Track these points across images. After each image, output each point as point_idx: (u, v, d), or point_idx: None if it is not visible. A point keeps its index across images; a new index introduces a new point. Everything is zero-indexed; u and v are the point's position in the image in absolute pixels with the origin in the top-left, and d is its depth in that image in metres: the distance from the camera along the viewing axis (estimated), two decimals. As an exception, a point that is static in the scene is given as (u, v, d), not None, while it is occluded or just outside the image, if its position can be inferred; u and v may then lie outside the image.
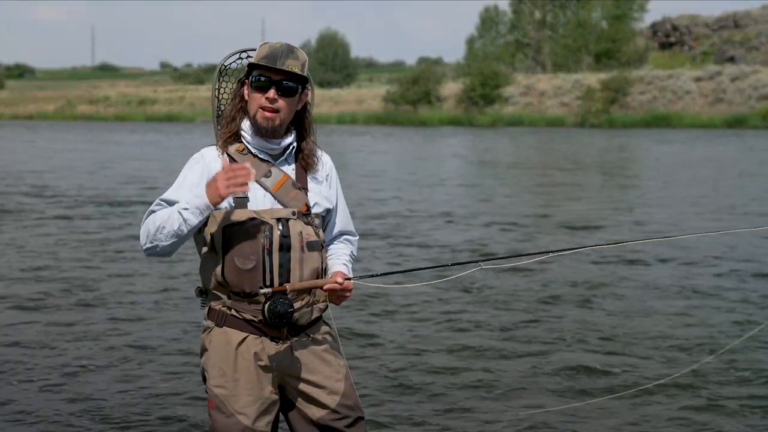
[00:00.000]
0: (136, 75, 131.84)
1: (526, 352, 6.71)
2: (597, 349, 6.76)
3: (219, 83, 3.34)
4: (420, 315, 7.84)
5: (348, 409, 3.20)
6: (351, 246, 3.38)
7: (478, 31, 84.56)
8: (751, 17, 75.78)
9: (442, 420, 5.31)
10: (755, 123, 52.92)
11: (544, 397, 5.71)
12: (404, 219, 14.18)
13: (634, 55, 75.16)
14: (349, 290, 3.16)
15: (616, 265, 10.23)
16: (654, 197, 17.74)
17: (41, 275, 9.43)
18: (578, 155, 31.51)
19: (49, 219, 13.86)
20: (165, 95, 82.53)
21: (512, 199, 17.62)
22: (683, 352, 6.66)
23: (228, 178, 2.91)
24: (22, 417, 5.28)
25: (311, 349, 3.19)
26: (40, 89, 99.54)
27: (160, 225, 2.98)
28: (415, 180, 21.43)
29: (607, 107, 58.78)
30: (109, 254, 10.77)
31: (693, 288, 8.99)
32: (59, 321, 7.49)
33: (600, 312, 8.01)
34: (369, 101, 70.94)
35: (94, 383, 5.90)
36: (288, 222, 3.10)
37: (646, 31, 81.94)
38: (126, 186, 19.21)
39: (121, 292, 8.67)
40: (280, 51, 3.10)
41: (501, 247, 11.46)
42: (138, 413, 5.38)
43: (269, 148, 3.17)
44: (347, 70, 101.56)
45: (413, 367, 6.29)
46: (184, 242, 3.04)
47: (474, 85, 64.18)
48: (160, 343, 6.82)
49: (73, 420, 5.26)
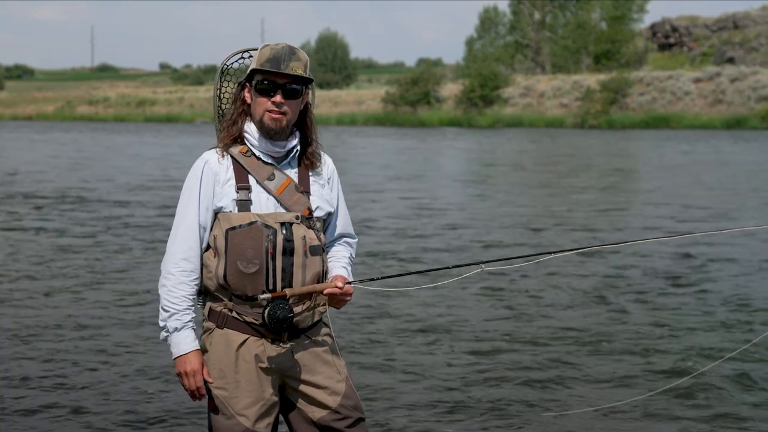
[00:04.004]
0: (135, 76, 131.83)
1: (528, 352, 6.71)
2: (605, 351, 6.75)
3: (221, 83, 3.33)
4: (421, 317, 7.82)
5: (349, 410, 3.20)
6: (350, 248, 3.38)
7: (478, 32, 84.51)
8: (750, 18, 75.77)
9: (444, 420, 5.30)
10: (755, 124, 52.92)
11: (560, 400, 5.70)
12: (404, 221, 14.17)
13: (634, 56, 75.14)
14: (349, 294, 3.16)
15: (616, 264, 10.22)
16: (654, 198, 17.73)
17: (54, 271, 9.43)
18: (578, 156, 31.51)
19: (50, 219, 13.85)
20: (164, 96, 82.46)
21: (513, 200, 17.61)
22: (693, 355, 6.65)
23: (191, 388, 3.10)
24: (20, 418, 5.28)
25: (312, 351, 3.19)
26: (39, 90, 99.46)
27: (163, 308, 3.12)
28: (415, 181, 21.42)
29: (606, 108, 58.75)
30: (108, 253, 10.76)
31: (694, 288, 8.98)
32: (59, 321, 7.48)
33: (601, 312, 8.00)
34: (368, 102, 70.90)
35: (93, 383, 5.89)
36: (291, 226, 3.10)
37: (646, 32, 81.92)
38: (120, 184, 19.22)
39: (119, 291, 8.67)
40: (282, 54, 3.08)
41: (502, 249, 11.45)
42: (136, 413, 5.37)
43: (273, 150, 3.16)
44: (347, 71, 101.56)
45: (414, 369, 6.29)
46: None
47: (473, 86, 64.14)
48: (159, 343, 6.78)
49: (72, 419, 5.25)
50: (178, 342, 3.09)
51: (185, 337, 3.09)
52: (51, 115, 79.00)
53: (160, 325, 3.12)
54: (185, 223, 3.12)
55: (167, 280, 3.10)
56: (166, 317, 3.10)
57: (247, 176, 3.12)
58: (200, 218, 3.11)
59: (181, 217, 3.13)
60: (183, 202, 3.14)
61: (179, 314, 3.09)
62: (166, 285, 3.11)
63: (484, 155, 32.81)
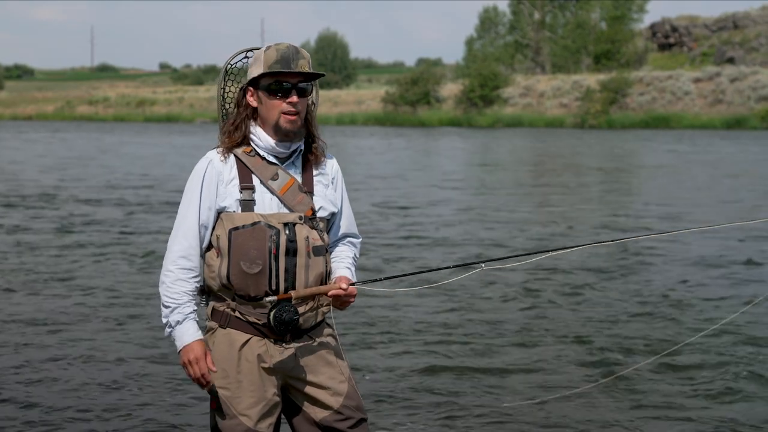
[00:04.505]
0: (135, 76, 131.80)
1: (529, 351, 6.71)
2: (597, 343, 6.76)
3: (225, 83, 3.33)
4: (422, 317, 7.82)
5: (351, 411, 3.20)
6: (354, 249, 3.38)
7: (478, 32, 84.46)
8: (750, 18, 75.74)
9: (442, 414, 5.31)
10: (754, 124, 52.90)
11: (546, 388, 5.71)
12: (405, 220, 14.17)
13: (634, 56, 75.11)
14: (353, 295, 3.16)
15: (616, 263, 10.22)
16: (653, 197, 17.73)
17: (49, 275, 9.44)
18: (578, 156, 31.50)
19: (54, 217, 13.85)
20: (164, 96, 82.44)
21: (513, 199, 17.60)
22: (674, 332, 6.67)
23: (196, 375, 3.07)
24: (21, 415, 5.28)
25: (314, 351, 3.19)
26: (39, 90, 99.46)
27: (164, 305, 3.11)
28: (414, 181, 21.41)
29: (606, 108, 58.73)
30: (108, 253, 10.76)
31: (692, 285, 8.98)
32: (58, 321, 7.49)
33: (602, 309, 8.00)
34: (368, 102, 70.88)
35: (92, 383, 5.89)
36: (295, 227, 3.10)
37: (646, 32, 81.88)
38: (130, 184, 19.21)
39: (118, 291, 8.67)
40: (290, 53, 3.08)
41: (502, 248, 11.46)
42: (138, 413, 5.37)
43: (278, 151, 3.16)
44: (346, 71, 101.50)
45: (416, 369, 6.29)
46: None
47: (473, 86, 64.12)
48: (160, 342, 6.79)
49: (73, 417, 5.25)
50: (181, 334, 3.09)
51: (188, 328, 3.09)
52: (51, 115, 78.99)
53: (163, 321, 3.13)
54: (186, 222, 3.12)
55: (166, 277, 3.12)
56: (167, 313, 3.11)
57: (251, 176, 3.12)
58: (201, 218, 3.12)
59: (183, 216, 3.14)
60: (185, 201, 3.15)
61: (180, 308, 3.09)
62: (165, 282, 3.12)
63: (484, 155, 32.80)
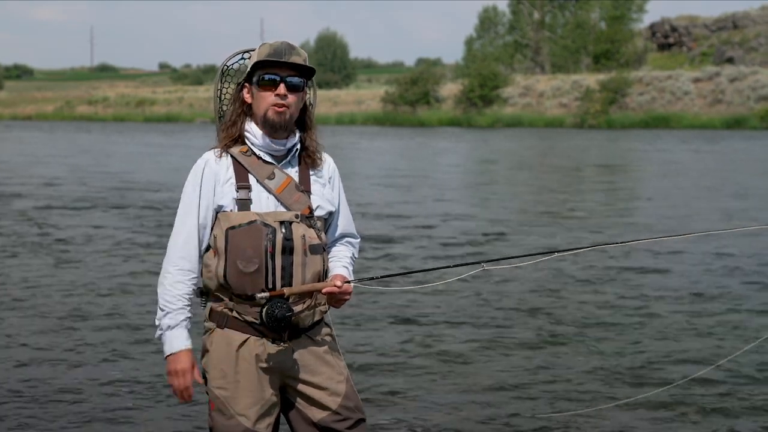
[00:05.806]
0: (134, 76, 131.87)
1: (532, 353, 6.70)
2: (606, 350, 6.75)
3: (221, 83, 3.33)
4: (421, 317, 7.81)
5: (349, 411, 3.19)
6: (352, 248, 3.37)
7: (477, 32, 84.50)
8: (749, 18, 75.75)
9: (443, 422, 5.30)
10: (754, 124, 52.91)
11: (558, 399, 5.70)
12: (405, 220, 14.17)
13: (633, 56, 75.13)
14: (348, 293, 3.15)
15: (616, 264, 10.22)
16: (654, 197, 17.73)
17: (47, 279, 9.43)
18: (578, 156, 31.50)
19: (56, 217, 13.86)
20: (164, 96, 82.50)
21: (513, 199, 17.61)
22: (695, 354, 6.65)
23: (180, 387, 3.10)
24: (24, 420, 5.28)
25: (312, 351, 3.18)
26: (38, 90, 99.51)
27: (159, 307, 3.12)
28: (415, 181, 21.41)
29: (605, 108, 58.74)
30: (107, 254, 10.75)
31: (696, 288, 8.97)
32: (58, 320, 7.48)
33: (604, 311, 7.99)
34: (368, 102, 70.90)
35: (92, 383, 5.89)
36: (291, 225, 3.09)
37: (645, 32, 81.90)
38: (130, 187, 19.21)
39: (118, 291, 8.66)
40: (283, 48, 3.11)
41: (503, 248, 11.45)
42: (137, 413, 5.37)
43: (274, 149, 3.16)
44: (346, 71, 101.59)
45: (416, 370, 6.28)
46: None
47: (473, 85, 64.13)
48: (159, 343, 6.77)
49: (71, 418, 5.24)
50: (170, 340, 3.10)
51: (178, 335, 3.09)
52: (50, 115, 79.03)
53: (156, 323, 3.13)
54: (185, 223, 3.12)
55: (165, 278, 3.12)
56: (161, 315, 3.11)
57: (248, 175, 3.12)
58: (200, 218, 3.12)
59: (182, 217, 3.14)
60: (184, 202, 3.15)
61: (174, 313, 3.09)
62: (163, 283, 3.12)
63: (484, 155, 32.80)
